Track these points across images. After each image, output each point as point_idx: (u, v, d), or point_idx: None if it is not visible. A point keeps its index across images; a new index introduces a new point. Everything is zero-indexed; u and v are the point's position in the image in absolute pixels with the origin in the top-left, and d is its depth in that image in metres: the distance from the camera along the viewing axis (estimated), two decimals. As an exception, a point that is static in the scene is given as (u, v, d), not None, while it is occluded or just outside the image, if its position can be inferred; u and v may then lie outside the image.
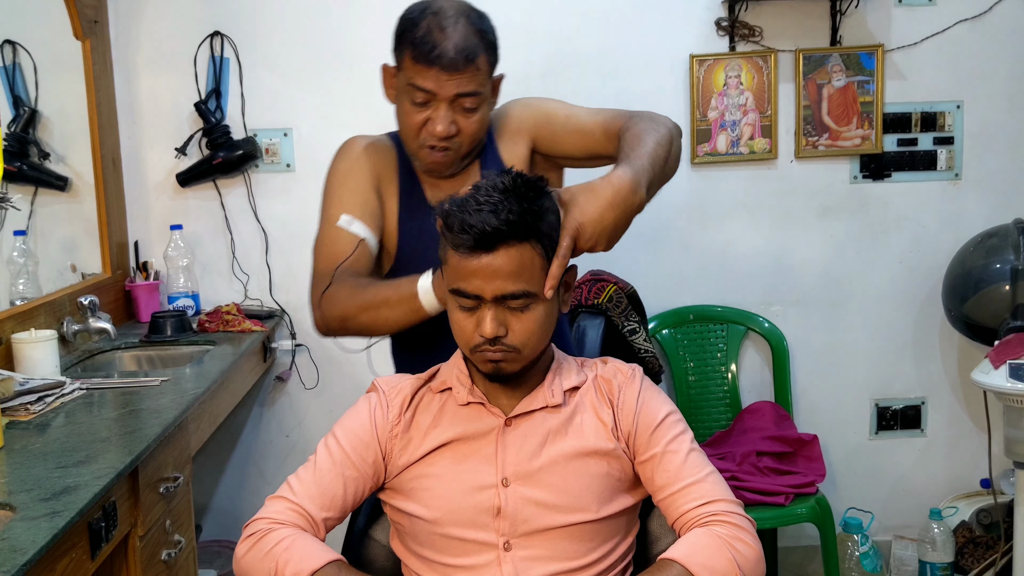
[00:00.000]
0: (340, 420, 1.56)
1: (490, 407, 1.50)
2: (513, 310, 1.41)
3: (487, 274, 1.38)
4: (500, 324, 1.40)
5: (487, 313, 1.40)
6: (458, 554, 1.46)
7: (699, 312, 3.15)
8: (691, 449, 1.50)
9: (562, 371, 1.54)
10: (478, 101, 1.76)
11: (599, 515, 1.46)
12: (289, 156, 3.04)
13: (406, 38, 1.75)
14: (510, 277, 1.39)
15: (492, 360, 1.43)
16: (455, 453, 1.49)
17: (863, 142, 3.09)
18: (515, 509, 1.45)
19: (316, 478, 1.50)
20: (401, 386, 1.56)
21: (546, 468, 1.46)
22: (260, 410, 3.14)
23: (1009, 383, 2.50)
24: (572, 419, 1.50)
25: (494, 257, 1.38)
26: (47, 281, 2.63)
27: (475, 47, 1.73)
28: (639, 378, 1.55)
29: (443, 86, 1.72)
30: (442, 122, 1.74)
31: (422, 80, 1.73)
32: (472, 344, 1.43)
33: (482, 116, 1.79)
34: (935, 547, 2.98)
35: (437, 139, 1.76)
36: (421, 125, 1.77)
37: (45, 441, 1.78)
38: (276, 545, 1.41)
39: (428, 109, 1.75)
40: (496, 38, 1.80)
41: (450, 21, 1.72)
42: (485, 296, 1.40)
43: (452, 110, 1.75)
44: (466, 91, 1.74)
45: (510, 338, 1.42)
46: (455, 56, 1.70)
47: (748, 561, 1.39)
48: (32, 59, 2.67)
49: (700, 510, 1.44)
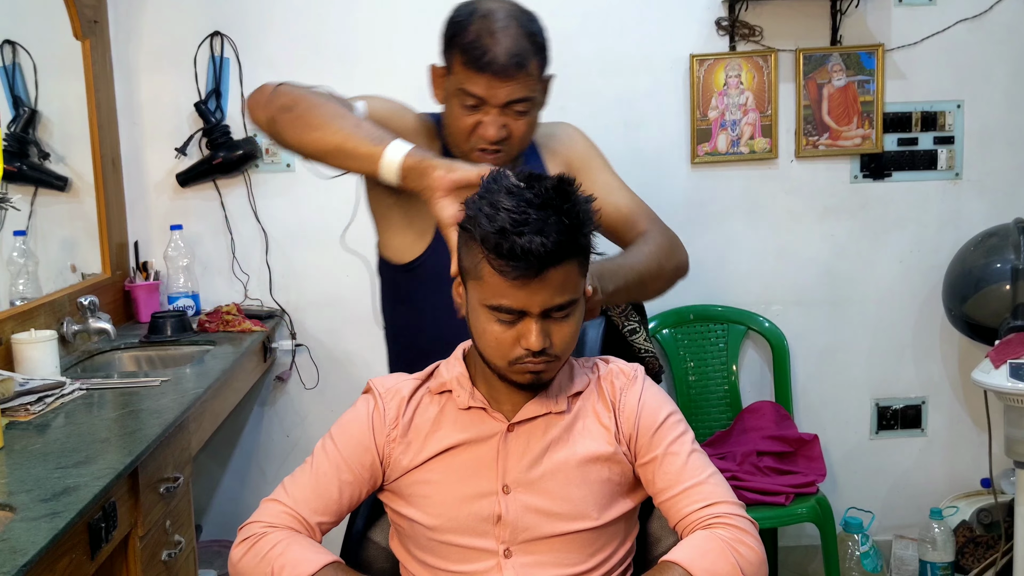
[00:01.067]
0: (337, 422, 1.54)
1: (492, 412, 1.48)
2: (556, 320, 1.38)
3: (534, 290, 1.34)
4: (546, 336, 1.37)
5: (533, 326, 1.36)
6: (457, 560, 1.45)
7: (699, 312, 3.15)
8: (692, 450, 1.48)
9: (564, 375, 1.52)
10: (529, 106, 1.77)
11: (599, 522, 1.45)
12: (289, 156, 3.04)
13: (455, 42, 1.74)
14: (558, 291, 1.35)
15: (533, 371, 1.41)
16: (456, 459, 1.47)
17: (863, 142, 3.09)
18: (516, 517, 1.44)
19: (312, 482, 1.48)
20: (398, 387, 1.53)
21: (548, 476, 1.45)
22: (260, 410, 3.14)
23: (1009, 383, 2.49)
24: (574, 425, 1.48)
25: (543, 277, 1.33)
26: (47, 281, 2.63)
27: (526, 52, 1.72)
28: (640, 379, 1.53)
29: (495, 93, 1.72)
30: (493, 126, 1.74)
31: (473, 86, 1.72)
32: (512, 357, 1.39)
33: (533, 119, 1.80)
34: (935, 547, 2.98)
35: (488, 143, 1.76)
36: (472, 128, 1.76)
37: (45, 441, 1.78)
38: (271, 549, 1.40)
39: (479, 113, 1.75)
40: (546, 39, 1.79)
41: (500, 25, 1.71)
42: (532, 311, 1.36)
43: (503, 114, 1.75)
44: (517, 97, 1.73)
45: (553, 348, 1.39)
46: (506, 63, 1.69)
47: (751, 564, 1.38)
48: (32, 59, 2.67)
49: (702, 512, 1.42)
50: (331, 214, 3.04)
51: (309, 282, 3.09)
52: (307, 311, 3.10)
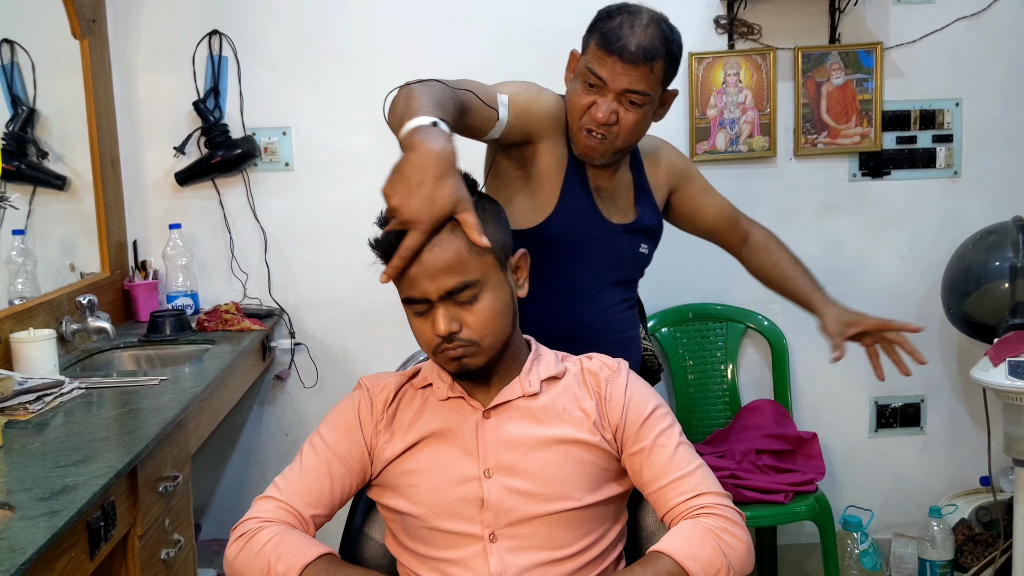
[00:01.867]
0: (325, 418, 1.58)
1: (469, 400, 1.52)
2: (463, 304, 1.42)
3: (428, 275, 1.39)
4: (452, 320, 1.41)
5: (437, 312, 1.42)
6: (446, 547, 1.47)
7: (698, 310, 3.15)
8: (679, 443, 1.51)
9: (540, 362, 1.56)
10: (644, 100, 1.85)
11: (582, 503, 1.47)
12: (288, 155, 3.04)
13: (597, 27, 1.86)
14: (447, 272, 1.39)
15: (454, 358, 1.45)
16: (437, 447, 1.50)
17: (862, 140, 3.09)
18: (498, 500, 1.46)
19: (302, 476, 1.51)
20: (385, 383, 1.57)
21: (527, 457, 1.47)
22: (259, 409, 3.14)
23: (1008, 380, 2.49)
24: (551, 407, 1.51)
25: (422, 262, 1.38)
26: (46, 280, 2.63)
27: (657, 50, 1.82)
28: (625, 372, 1.56)
29: (616, 77, 1.82)
30: (604, 109, 1.83)
31: (599, 67, 1.83)
32: (432, 346, 1.45)
33: (642, 116, 1.87)
34: (935, 545, 2.98)
35: (596, 124, 1.85)
36: (586, 107, 1.86)
37: (44, 440, 1.78)
38: (266, 543, 1.42)
39: (596, 94, 1.85)
40: (680, 53, 1.90)
41: (642, 22, 1.83)
42: (431, 296, 1.41)
43: (617, 100, 1.84)
44: (635, 88, 1.83)
45: (465, 332, 1.43)
46: (635, 51, 1.80)
47: (736, 552, 1.40)
48: (30, 58, 2.67)
49: (689, 503, 1.45)
50: (330, 213, 3.05)
51: (308, 281, 3.09)
52: (306, 310, 3.10)
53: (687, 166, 2.18)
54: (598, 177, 1.99)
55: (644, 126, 1.91)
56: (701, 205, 2.20)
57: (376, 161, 2.11)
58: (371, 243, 1.44)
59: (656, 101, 1.90)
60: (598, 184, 1.99)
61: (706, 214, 2.21)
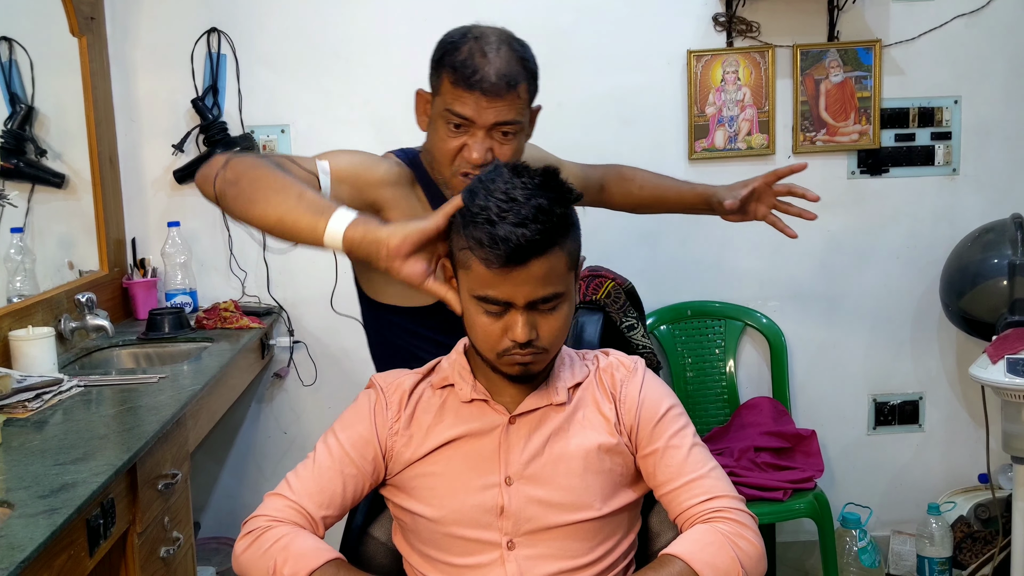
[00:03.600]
0: (340, 417, 1.55)
1: (494, 404, 1.49)
2: (543, 312, 1.39)
3: (519, 281, 1.35)
4: (532, 328, 1.38)
5: (519, 318, 1.37)
6: (461, 553, 1.46)
7: (697, 308, 3.15)
8: (694, 444, 1.49)
9: (565, 367, 1.53)
10: (516, 129, 1.73)
11: (602, 512, 1.46)
12: (286, 152, 3.04)
13: (445, 61, 1.72)
14: (541, 283, 1.36)
15: (521, 363, 1.41)
16: (458, 451, 1.48)
17: (860, 137, 3.09)
18: (519, 508, 1.44)
19: (315, 475, 1.49)
20: (399, 382, 1.54)
21: (550, 467, 1.46)
22: (258, 407, 3.14)
23: (1007, 378, 2.49)
24: (575, 416, 1.49)
25: (527, 268, 1.34)
26: (44, 278, 2.63)
27: (517, 74, 1.70)
28: (641, 371, 1.54)
29: (482, 113, 1.69)
30: (478, 149, 1.70)
31: (460, 106, 1.69)
32: (500, 349, 1.40)
33: (518, 146, 1.77)
34: (933, 542, 2.99)
35: (472, 166, 1.72)
36: (456, 151, 1.73)
37: (43, 438, 1.78)
38: (274, 544, 1.41)
39: (464, 136, 1.72)
40: (537, 68, 1.77)
41: (492, 47, 1.70)
42: (517, 303, 1.36)
43: (489, 137, 1.72)
44: (505, 119, 1.71)
45: (540, 340, 1.40)
46: (496, 81, 1.67)
47: (750, 558, 1.39)
48: (28, 56, 2.67)
49: (703, 506, 1.43)
50: (328, 211, 3.05)
51: (307, 279, 3.09)
52: (305, 308, 3.10)
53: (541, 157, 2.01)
54: None
55: (521, 152, 1.79)
56: None
57: (375, 159, 2.10)
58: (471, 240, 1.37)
59: (528, 123, 1.79)
60: None
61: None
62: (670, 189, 2.21)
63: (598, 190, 2.20)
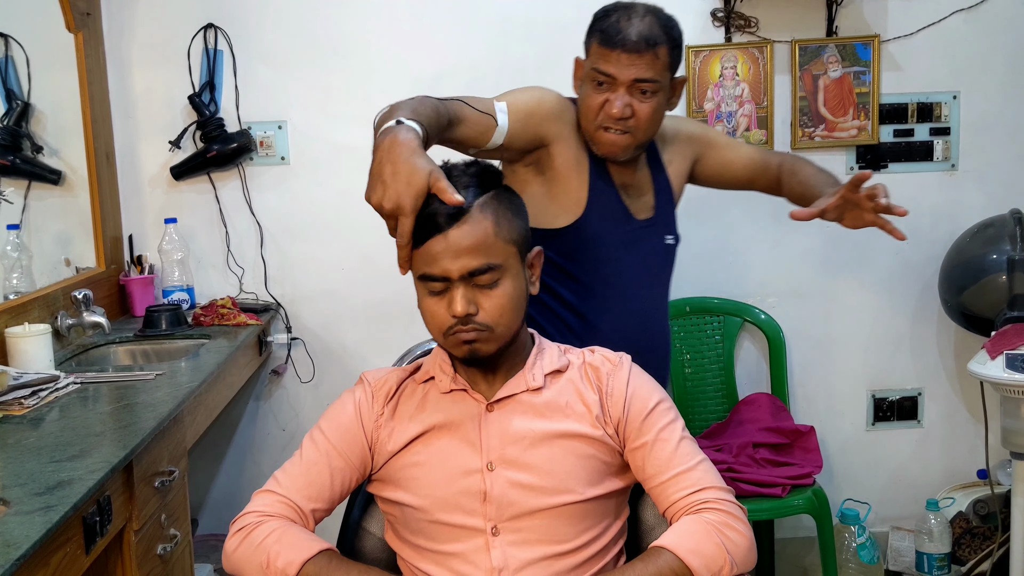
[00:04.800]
0: (325, 413, 1.58)
1: (472, 393, 1.52)
2: (482, 287, 1.43)
3: (449, 254, 1.40)
4: (470, 302, 1.42)
5: (456, 292, 1.42)
6: (447, 540, 1.47)
7: (695, 304, 3.15)
8: (682, 437, 1.51)
9: (544, 356, 1.56)
10: (655, 87, 1.87)
11: (585, 496, 1.47)
12: (284, 149, 3.03)
13: (596, 27, 1.90)
14: (468, 252, 1.40)
15: (466, 340, 1.44)
16: (439, 440, 1.50)
17: (859, 133, 3.09)
18: (501, 493, 1.46)
19: (302, 470, 1.51)
20: (386, 378, 1.58)
21: (530, 451, 1.47)
22: (256, 404, 3.14)
23: (1006, 373, 2.49)
24: (554, 402, 1.51)
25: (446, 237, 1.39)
26: (41, 275, 2.62)
27: (658, 36, 1.85)
28: (627, 366, 1.56)
29: (623, 69, 1.85)
30: (618, 104, 1.86)
31: (604, 63, 1.86)
32: (445, 327, 1.44)
33: (657, 104, 1.90)
34: (932, 538, 2.98)
35: (613, 120, 1.87)
36: (600, 106, 1.88)
37: (39, 435, 1.78)
38: (267, 537, 1.42)
39: (607, 92, 1.87)
40: (681, 39, 1.92)
41: (638, 14, 1.87)
42: (452, 275, 1.41)
43: (629, 93, 1.87)
44: (644, 77, 1.85)
45: (481, 316, 1.43)
46: (637, 40, 1.83)
47: (738, 547, 1.40)
48: (24, 52, 2.66)
49: (691, 498, 1.45)
50: (326, 207, 3.05)
51: (304, 275, 3.08)
52: (302, 304, 3.10)
53: (703, 131, 2.22)
54: (622, 174, 2.01)
55: (660, 114, 1.93)
56: (728, 162, 2.21)
57: (372, 155, 2.10)
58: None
59: (667, 87, 1.92)
60: (623, 181, 2.01)
61: (736, 169, 2.21)
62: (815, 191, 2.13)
63: (775, 182, 2.24)
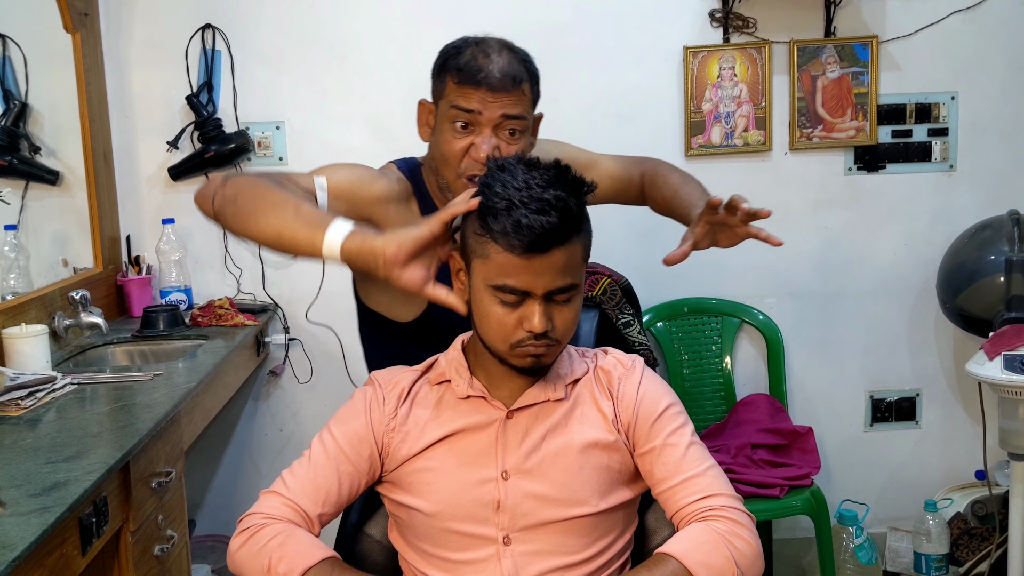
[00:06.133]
0: (335, 414, 1.55)
1: (491, 400, 1.49)
2: (558, 303, 1.41)
3: (538, 270, 1.36)
4: (548, 319, 1.39)
5: (536, 308, 1.38)
6: (457, 548, 1.46)
7: (693, 305, 3.15)
8: (691, 442, 1.49)
9: (565, 362, 1.54)
10: (523, 126, 1.74)
11: (598, 508, 1.46)
12: (282, 149, 3.03)
13: (449, 65, 1.74)
14: (560, 272, 1.38)
15: (534, 355, 1.42)
16: (455, 446, 1.48)
17: (857, 134, 3.09)
18: (515, 503, 1.44)
19: (311, 473, 1.49)
20: (398, 379, 1.55)
21: (547, 462, 1.46)
22: (254, 404, 3.13)
23: (1004, 374, 2.49)
24: (573, 412, 1.49)
25: (548, 256, 1.36)
26: (38, 275, 2.62)
27: (520, 72, 1.73)
28: (639, 369, 1.55)
29: (488, 107, 1.70)
30: (485, 146, 1.71)
31: (466, 101, 1.70)
32: (514, 340, 1.41)
33: (525, 144, 1.77)
34: (930, 539, 2.98)
35: (481, 165, 1.70)
36: (464, 152, 1.73)
37: (35, 436, 1.77)
38: (269, 541, 1.41)
39: (471, 135, 1.72)
40: (538, 72, 1.79)
41: (494, 49, 1.73)
42: (536, 292, 1.38)
43: (496, 135, 1.72)
44: (512, 113, 1.71)
45: (554, 332, 1.41)
46: (501, 77, 1.69)
47: (746, 558, 1.38)
48: (22, 52, 2.66)
49: (699, 504, 1.43)
50: (324, 208, 3.04)
51: (302, 276, 3.08)
52: (300, 305, 3.09)
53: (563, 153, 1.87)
54: None
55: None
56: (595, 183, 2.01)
57: (370, 156, 2.09)
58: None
59: (531, 127, 1.80)
60: None
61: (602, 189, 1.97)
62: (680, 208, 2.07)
63: (638, 194, 2.14)
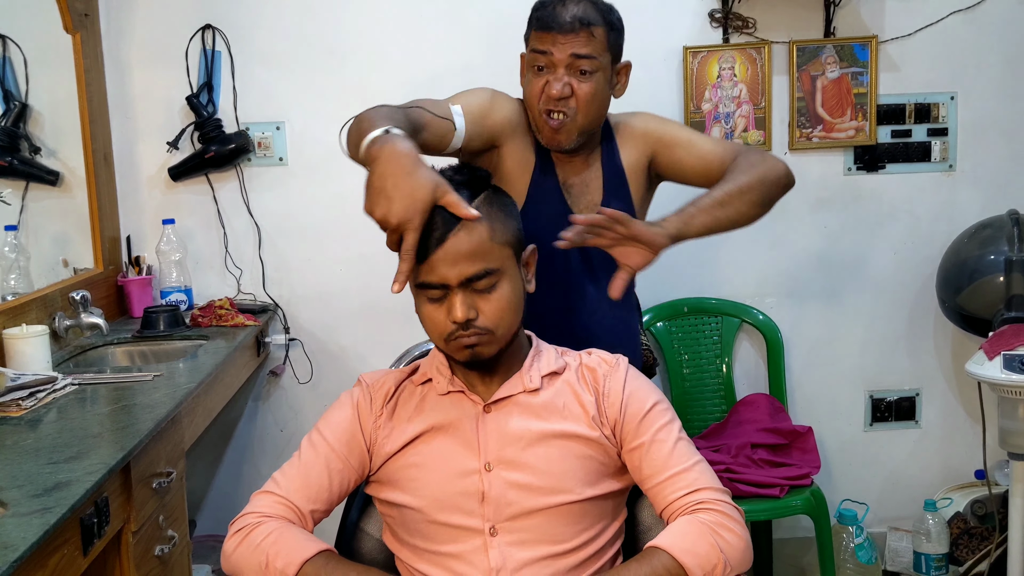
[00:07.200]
0: (323, 415, 1.58)
1: (470, 394, 1.52)
2: (480, 292, 1.44)
3: (449, 261, 1.41)
4: (470, 307, 1.43)
5: (456, 298, 1.43)
6: (446, 541, 1.47)
7: (693, 304, 3.15)
8: (679, 438, 1.52)
9: (541, 358, 1.57)
10: (593, 65, 1.87)
11: (582, 496, 1.48)
12: (282, 150, 3.03)
13: (532, 17, 1.92)
14: (467, 258, 1.41)
15: (468, 345, 1.45)
16: (437, 441, 1.51)
17: (857, 134, 3.09)
18: (499, 493, 1.46)
19: (301, 471, 1.52)
20: (384, 380, 1.59)
21: (527, 451, 1.48)
22: (254, 405, 3.14)
23: (1004, 374, 2.49)
24: (552, 403, 1.52)
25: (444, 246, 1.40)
26: (38, 276, 2.62)
27: (592, 17, 1.86)
28: (624, 367, 1.57)
29: (559, 47, 1.85)
30: (557, 84, 1.86)
31: (540, 43, 1.87)
32: (446, 333, 1.45)
33: (597, 85, 1.89)
34: (930, 538, 2.99)
35: (553, 101, 1.87)
36: (540, 91, 1.88)
37: (36, 437, 1.77)
38: (265, 538, 1.42)
39: (546, 75, 1.88)
40: (621, 24, 1.94)
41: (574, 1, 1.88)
42: (451, 282, 1.42)
43: (568, 73, 1.87)
44: (581, 53, 1.85)
45: (481, 320, 1.44)
46: (571, 20, 1.85)
47: (733, 548, 1.41)
48: (22, 53, 2.66)
49: (687, 499, 1.46)
50: (324, 208, 3.05)
51: (302, 276, 3.08)
52: (300, 305, 3.09)
53: (661, 127, 2.06)
54: (567, 172, 1.99)
55: (601, 96, 1.91)
56: (679, 162, 2.02)
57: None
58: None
59: (608, 69, 1.91)
60: (567, 179, 1.99)
61: (687, 171, 2.02)
62: None
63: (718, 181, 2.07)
